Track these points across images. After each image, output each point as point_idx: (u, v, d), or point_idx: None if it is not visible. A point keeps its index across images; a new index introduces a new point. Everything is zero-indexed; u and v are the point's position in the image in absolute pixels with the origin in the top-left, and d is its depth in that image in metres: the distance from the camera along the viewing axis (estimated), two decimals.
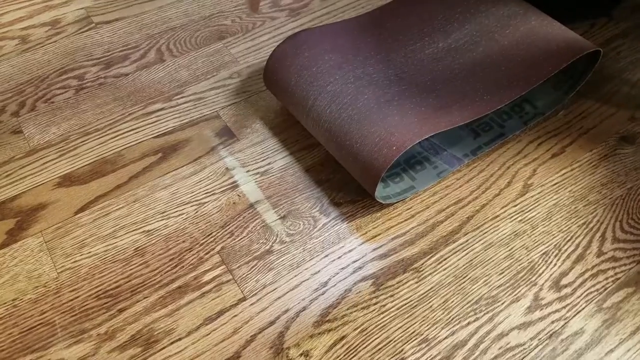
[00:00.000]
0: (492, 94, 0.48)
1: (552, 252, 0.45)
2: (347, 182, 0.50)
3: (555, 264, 0.44)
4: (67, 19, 0.66)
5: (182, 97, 0.57)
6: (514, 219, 0.47)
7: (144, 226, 0.46)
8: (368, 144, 0.44)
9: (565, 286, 0.43)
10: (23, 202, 0.48)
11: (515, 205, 0.48)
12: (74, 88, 0.58)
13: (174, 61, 0.61)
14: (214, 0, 0.69)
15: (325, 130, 0.47)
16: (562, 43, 0.51)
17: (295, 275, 0.44)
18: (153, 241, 0.45)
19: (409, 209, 0.48)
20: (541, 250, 0.45)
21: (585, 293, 0.43)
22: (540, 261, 0.45)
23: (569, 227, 0.47)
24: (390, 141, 0.43)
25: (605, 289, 0.43)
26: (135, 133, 0.53)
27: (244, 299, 0.42)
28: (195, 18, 0.67)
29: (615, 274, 0.44)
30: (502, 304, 0.42)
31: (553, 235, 0.46)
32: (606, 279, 0.44)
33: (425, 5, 0.57)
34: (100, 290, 0.43)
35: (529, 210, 0.48)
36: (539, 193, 0.49)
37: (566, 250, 0.45)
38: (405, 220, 0.47)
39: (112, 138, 0.53)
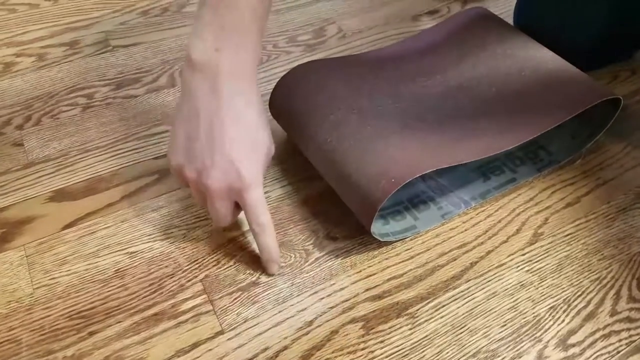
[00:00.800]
0: (502, 135, 0.46)
1: (561, 307, 0.41)
2: (346, 216, 0.47)
3: (563, 320, 0.41)
4: (86, 40, 0.67)
5: None
6: (521, 269, 0.44)
7: (128, 247, 0.44)
8: (366, 175, 0.41)
9: (573, 345, 0.39)
10: (11, 214, 0.47)
11: (524, 255, 0.45)
12: (82, 106, 0.58)
13: None
14: None
15: (325, 159, 0.45)
16: (581, 88, 0.49)
17: (280, 311, 0.41)
18: (135, 264, 0.43)
19: (408, 249, 0.45)
20: (548, 304, 0.42)
21: (595, 355, 0.39)
22: (546, 316, 0.41)
23: (581, 282, 0.43)
24: (389, 173, 0.41)
25: (618, 352, 0.39)
26: (136, 153, 0.52)
27: (221, 332, 0.39)
28: None
29: (630, 336, 0.40)
30: (502, 359, 0.39)
31: (562, 289, 0.43)
32: (619, 340, 0.40)
33: (439, 43, 0.56)
34: (74, 310, 0.40)
35: (538, 261, 0.45)
36: (549, 243, 0.46)
37: (576, 306, 0.42)
38: (404, 261, 0.44)
39: (111, 156, 0.52)
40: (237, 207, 0.41)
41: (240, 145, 0.38)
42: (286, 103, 0.49)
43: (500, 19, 0.58)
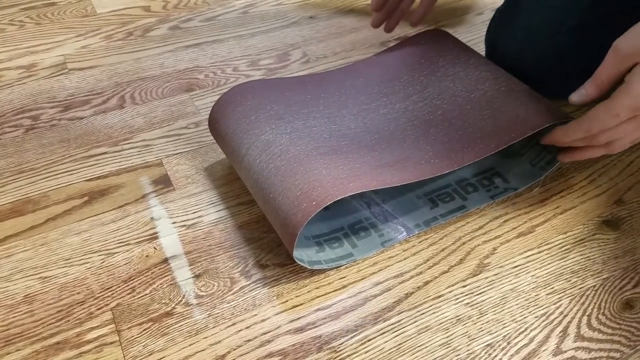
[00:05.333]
0: (441, 158, 0.43)
1: (499, 345, 0.38)
2: (281, 243, 0.45)
3: (500, 359, 0.37)
4: (44, 63, 0.66)
5: (128, 143, 0.54)
6: (460, 302, 0.41)
7: (42, 272, 0.42)
8: (290, 197, 0.39)
9: None
10: None
11: (464, 286, 0.42)
12: (26, 127, 0.56)
13: (133, 108, 0.59)
14: (193, 56, 0.68)
15: (254, 181, 0.43)
16: (532, 110, 0.47)
17: (191, 344, 0.38)
18: (47, 289, 0.41)
19: (342, 278, 0.42)
20: (485, 341, 0.38)
21: None
22: (482, 354, 0.37)
23: (525, 317, 0.40)
24: (312, 195, 0.38)
25: None
26: (69, 175, 0.50)
27: None
28: (168, 70, 0.65)
29: None
30: None
31: (504, 324, 0.39)
32: None
33: (391, 65, 0.54)
34: None
35: (480, 293, 0.41)
36: (494, 275, 0.43)
37: (516, 343, 0.38)
38: (335, 290, 0.41)
39: (43, 178, 0.50)
40: None
41: None
42: (222, 122, 0.47)
43: (457, 41, 0.56)
